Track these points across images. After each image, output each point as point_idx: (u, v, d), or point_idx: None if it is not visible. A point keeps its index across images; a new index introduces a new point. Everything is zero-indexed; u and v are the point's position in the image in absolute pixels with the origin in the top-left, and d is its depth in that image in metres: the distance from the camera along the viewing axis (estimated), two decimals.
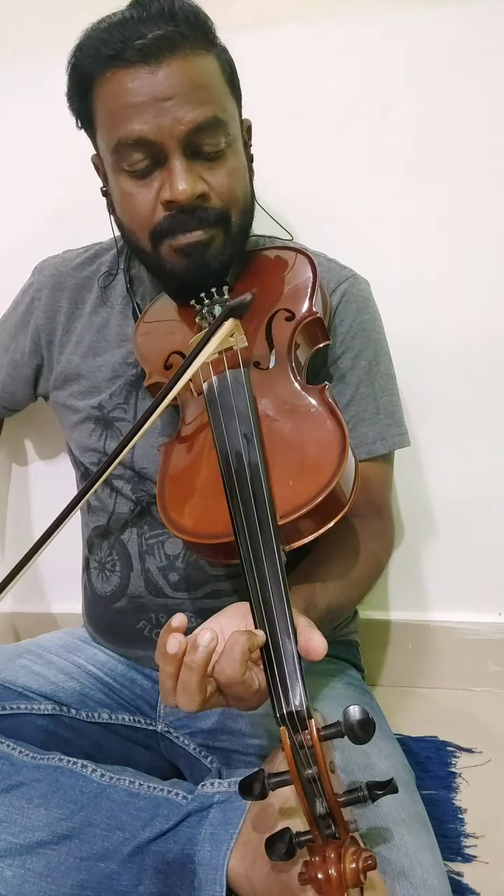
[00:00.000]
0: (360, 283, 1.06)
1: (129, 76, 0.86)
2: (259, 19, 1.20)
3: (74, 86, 0.93)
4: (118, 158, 0.91)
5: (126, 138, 0.88)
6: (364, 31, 1.19)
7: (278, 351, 0.90)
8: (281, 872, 0.72)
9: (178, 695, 0.69)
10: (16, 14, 1.28)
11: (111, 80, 0.88)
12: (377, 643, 1.43)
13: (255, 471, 0.77)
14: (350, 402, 1.03)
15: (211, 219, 0.92)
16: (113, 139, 0.90)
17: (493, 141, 1.20)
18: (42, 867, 0.81)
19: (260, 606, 0.70)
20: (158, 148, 0.88)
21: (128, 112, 0.87)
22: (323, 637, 0.70)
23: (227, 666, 0.67)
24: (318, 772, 0.60)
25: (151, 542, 1.05)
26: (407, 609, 1.42)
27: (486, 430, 1.32)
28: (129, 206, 0.94)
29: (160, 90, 0.86)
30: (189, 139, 0.88)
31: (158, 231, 0.92)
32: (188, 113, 0.86)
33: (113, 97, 0.88)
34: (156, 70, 0.86)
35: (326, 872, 0.57)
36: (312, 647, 0.69)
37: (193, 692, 0.68)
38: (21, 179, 1.35)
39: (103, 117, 0.91)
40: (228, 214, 0.93)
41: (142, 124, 0.87)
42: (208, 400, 0.87)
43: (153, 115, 0.86)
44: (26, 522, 1.52)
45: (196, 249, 0.92)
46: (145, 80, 0.86)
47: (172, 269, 0.95)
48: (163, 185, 0.90)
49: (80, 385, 1.10)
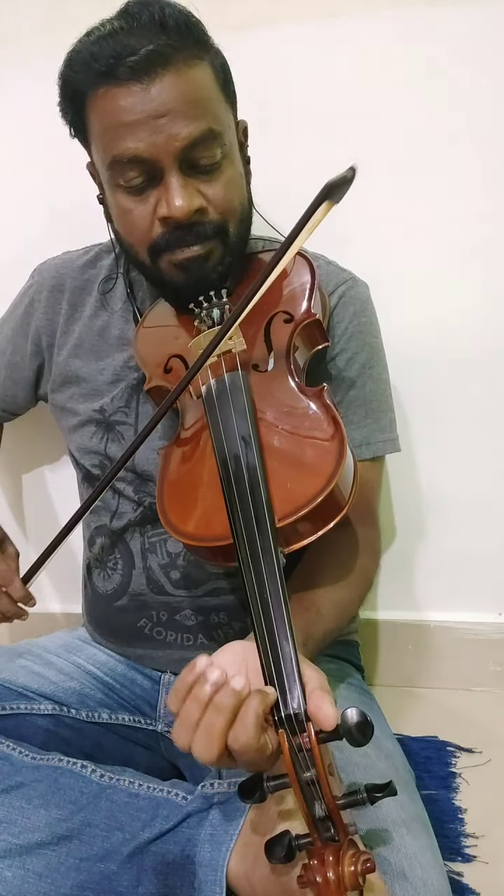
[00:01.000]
0: (358, 286, 1.06)
1: (121, 93, 0.85)
2: (259, 19, 1.20)
3: (66, 99, 0.92)
4: (114, 175, 0.90)
5: (121, 156, 0.88)
6: (364, 31, 1.19)
7: (277, 353, 0.90)
8: (281, 874, 0.72)
9: (197, 739, 0.65)
10: (16, 14, 1.28)
11: (104, 97, 0.87)
12: (377, 643, 1.43)
13: (253, 473, 0.77)
14: (339, 404, 1.02)
15: (209, 233, 0.91)
16: (108, 156, 0.89)
17: (494, 141, 1.19)
18: (42, 868, 0.81)
19: (258, 608, 0.70)
20: (154, 165, 0.87)
21: (122, 130, 0.86)
22: (334, 708, 0.64)
23: (242, 733, 0.64)
24: (317, 775, 0.60)
25: (154, 540, 1.05)
26: (407, 609, 1.42)
27: (486, 430, 1.32)
28: (126, 222, 0.94)
29: (153, 107, 0.85)
30: (184, 154, 0.87)
31: (157, 246, 0.92)
32: (183, 129, 0.85)
33: (106, 115, 0.87)
34: (148, 87, 0.84)
35: (325, 876, 0.57)
36: (322, 716, 0.63)
37: (216, 738, 0.64)
38: (21, 180, 1.34)
39: (97, 134, 0.90)
40: (226, 226, 0.93)
41: (136, 142, 0.86)
42: (206, 403, 0.87)
43: (148, 133, 0.85)
44: (27, 524, 1.52)
45: (195, 263, 0.92)
46: (138, 97, 0.85)
47: (172, 282, 0.95)
48: (159, 201, 0.89)
49: (80, 388, 1.10)
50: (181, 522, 0.82)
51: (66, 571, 1.35)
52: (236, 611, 1.02)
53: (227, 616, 1.03)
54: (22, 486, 1.48)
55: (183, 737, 0.67)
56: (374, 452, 1.04)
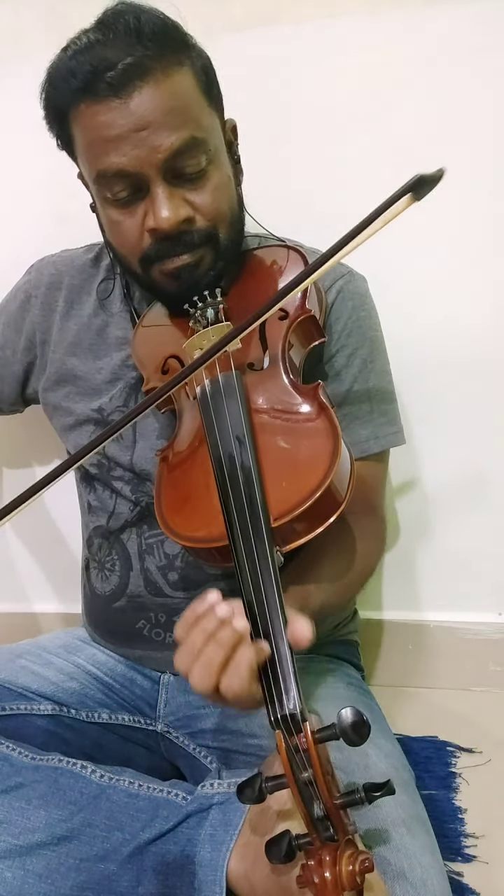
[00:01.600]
0: (356, 280, 1.06)
1: (101, 109, 0.85)
2: (259, 19, 1.20)
3: (50, 116, 0.92)
4: (100, 189, 0.90)
5: (105, 171, 0.88)
6: (364, 31, 1.19)
7: (272, 351, 0.90)
8: (281, 874, 0.72)
9: (196, 669, 0.69)
10: (16, 14, 1.28)
11: (84, 113, 0.86)
12: (377, 643, 1.43)
13: (248, 473, 0.77)
14: (344, 401, 1.02)
15: (197, 241, 0.91)
16: (93, 171, 0.89)
17: (494, 140, 1.20)
18: (42, 868, 0.81)
19: (254, 609, 0.70)
20: (139, 178, 0.87)
21: (105, 146, 0.86)
22: (309, 626, 0.70)
23: (236, 682, 0.67)
24: (314, 774, 0.60)
25: (151, 542, 1.05)
26: (407, 609, 1.42)
27: (486, 430, 1.32)
28: (116, 234, 0.94)
29: (133, 121, 0.84)
30: (168, 165, 0.86)
31: (147, 258, 0.92)
32: (165, 140, 0.85)
33: (88, 131, 0.87)
34: (127, 101, 0.84)
35: (322, 876, 0.58)
36: (297, 633, 0.69)
37: (214, 671, 0.68)
38: (21, 180, 1.35)
39: (82, 150, 0.90)
40: (216, 232, 0.93)
41: (119, 157, 0.86)
42: (201, 404, 0.87)
43: (130, 147, 0.85)
44: (26, 524, 1.52)
45: (185, 272, 0.93)
46: (118, 112, 0.84)
47: (164, 290, 0.96)
48: (147, 213, 0.89)
49: (76, 387, 1.09)
50: (178, 524, 0.82)
51: (65, 571, 1.35)
52: None
53: None
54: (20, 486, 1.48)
55: (185, 663, 0.70)
56: (382, 446, 1.04)
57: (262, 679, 0.67)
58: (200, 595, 0.74)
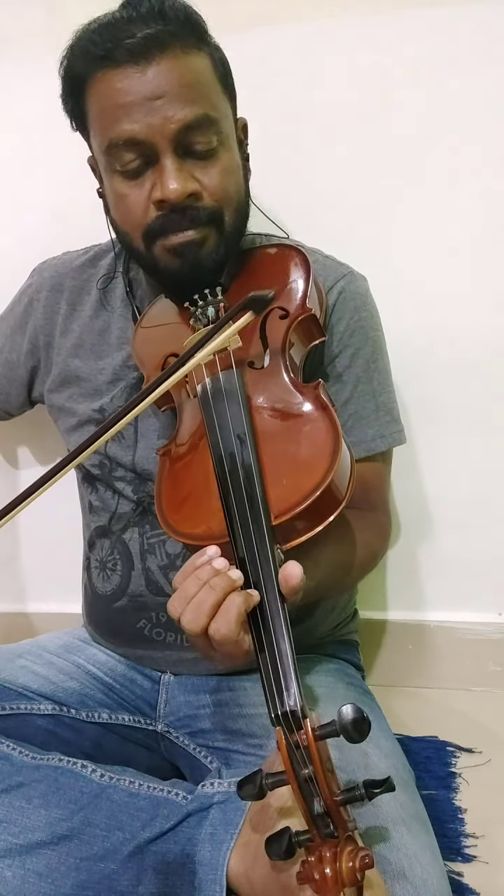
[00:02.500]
0: (357, 280, 1.06)
1: (118, 76, 0.86)
2: (259, 19, 1.20)
3: (67, 88, 0.93)
4: (110, 159, 0.91)
5: (117, 139, 0.88)
6: (364, 31, 1.19)
7: (272, 350, 0.90)
8: (280, 872, 0.72)
9: (188, 610, 0.72)
10: (16, 14, 1.28)
11: (101, 81, 0.88)
12: (377, 643, 1.43)
13: (249, 471, 0.78)
14: (349, 401, 1.02)
15: (203, 218, 0.91)
16: (105, 140, 0.90)
17: (494, 140, 1.20)
18: (42, 867, 0.81)
19: (254, 607, 0.70)
20: (149, 147, 0.88)
21: (118, 112, 0.87)
22: (299, 568, 0.71)
23: (224, 625, 0.70)
24: (315, 771, 0.60)
25: (153, 542, 1.05)
26: (407, 609, 1.42)
27: (486, 430, 1.32)
28: (122, 207, 0.94)
29: (150, 89, 0.85)
30: (180, 138, 0.87)
31: (151, 231, 0.92)
32: (178, 111, 0.86)
33: (103, 97, 0.88)
34: (145, 69, 0.85)
35: (323, 872, 0.58)
36: (288, 574, 0.71)
37: (204, 613, 0.70)
38: (21, 179, 1.35)
39: (95, 118, 0.91)
40: (221, 213, 0.93)
41: (132, 124, 0.87)
42: (202, 402, 0.87)
43: (143, 115, 0.86)
44: (25, 524, 1.52)
45: (189, 249, 0.92)
46: (135, 79, 0.86)
47: (166, 269, 0.95)
48: (154, 185, 0.89)
49: (79, 388, 1.10)
50: (178, 522, 0.82)
51: (65, 571, 1.35)
52: None
53: None
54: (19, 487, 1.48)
55: (177, 606, 0.73)
56: (388, 444, 1.05)
57: (263, 676, 0.67)
58: (199, 551, 0.76)
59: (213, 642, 0.71)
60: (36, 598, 1.56)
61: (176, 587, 0.75)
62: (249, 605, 0.70)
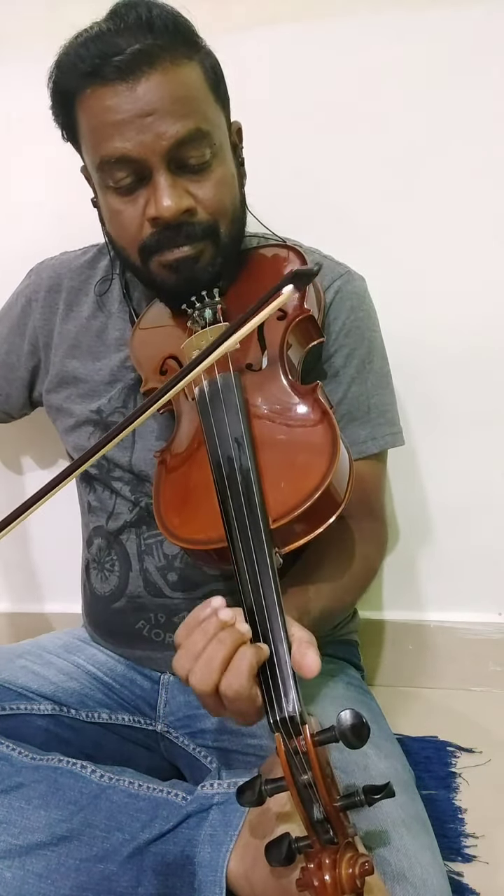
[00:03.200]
0: (354, 280, 1.06)
1: (108, 93, 0.85)
2: (259, 19, 1.20)
3: (57, 102, 0.92)
4: (103, 175, 0.90)
5: (109, 157, 0.87)
6: (364, 31, 1.19)
7: (270, 352, 0.90)
8: (280, 876, 0.72)
9: (197, 667, 0.68)
10: (16, 14, 1.28)
11: (91, 98, 0.86)
12: (377, 643, 1.43)
13: (247, 475, 0.77)
14: (342, 401, 1.02)
15: (198, 233, 0.91)
16: (96, 157, 0.89)
17: (494, 140, 1.19)
18: (41, 868, 0.81)
19: (253, 612, 0.70)
20: (142, 164, 0.87)
21: (109, 130, 0.86)
22: (318, 656, 0.68)
23: (235, 681, 0.66)
24: (314, 777, 0.60)
25: (150, 542, 1.05)
26: (407, 609, 1.42)
27: (486, 430, 1.32)
28: (116, 223, 0.93)
29: (140, 106, 0.84)
30: (172, 154, 0.86)
31: (146, 247, 0.92)
32: (170, 128, 0.85)
33: (94, 115, 0.87)
34: (134, 86, 0.84)
35: (322, 879, 0.57)
36: (306, 664, 0.67)
37: (215, 669, 0.67)
38: (21, 180, 1.34)
39: (86, 135, 0.90)
40: (217, 227, 0.92)
41: (124, 142, 0.86)
42: (200, 405, 0.87)
43: (134, 133, 0.85)
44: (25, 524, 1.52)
45: (185, 264, 0.92)
46: (124, 96, 0.84)
47: (163, 284, 0.95)
48: (148, 202, 0.89)
49: (77, 388, 1.09)
50: (176, 525, 0.82)
51: (65, 572, 1.35)
52: None
53: None
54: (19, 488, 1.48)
55: (184, 664, 0.70)
56: (380, 447, 1.04)
57: (261, 682, 0.67)
58: (203, 600, 0.73)
59: (225, 699, 0.68)
60: (36, 598, 1.56)
61: (179, 643, 0.72)
62: (261, 658, 0.67)
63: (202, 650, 0.69)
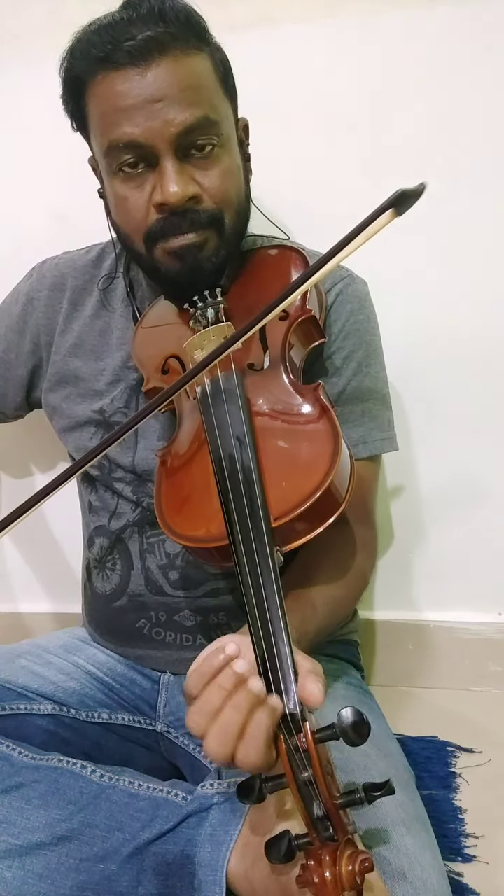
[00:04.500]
0: (356, 283, 1.06)
1: (119, 78, 0.86)
2: (259, 19, 1.20)
3: (67, 89, 0.93)
4: (110, 161, 0.91)
5: (117, 141, 0.88)
6: (364, 31, 1.19)
7: (272, 352, 0.90)
8: (280, 874, 0.72)
9: (212, 734, 0.65)
10: (16, 14, 1.28)
11: (102, 83, 0.88)
12: (377, 643, 1.43)
13: (249, 473, 0.77)
14: (336, 402, 1.01)
15: (203, 221, 0.91)
16: (105, 142, 0.90)
17: (494, 140, 1.20)
18: (41, 868, 0.81)
19: (254, 609, 0.70)
20: (149, 150, 0.88)
21: (118, 115, 0.87)
22: (322, 688, 0.66)
23: (253, 751, 0.63)
24: (314, 775, 0.60)
25: (152, 541, 1.05)
26: (407, 609, 1.42)
27: (487, 430, 1.32)
28: (122, 209, 0.94)
29: (150, 92, 0.85)
30: (180, 140, 0.87)
31: (151, 234, 0.92)
32: (178, 114, 0.86)
33: (104, 100, 0.88)
34: (145, 72, 0.85)
35: (322, 875, 0.57)
36: (308, 695, 0.65)
37: (232, 737, 0.64)
38: (21, 179, 1.35)
39: (95, 120, 0.91)
40: (222, 216, 0.93)
41: (132, 127, 0.86)
42: (202, 404, 0.87)
43: (143, 118, 0.86)
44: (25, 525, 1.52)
45: (189, 252, 0.92)
46: (135, 81, 0.86)
47: (166, 272, 0.95)
48: (155, 188, 0.89)
49: (77, 388, 1.09)
50: (178, 524, 0.82)
51: (64, 571, 1.35)
52: (235, 611, 1.02)
53: (227, 616, 1.03)
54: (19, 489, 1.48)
55: (200, 723, 0.66)
56: (370, 451, 1.04)
57: (263, 678, 0.66)
58: (216, 645, 0.71)
59: (240, 765, 0.64)
60: (36, 598, 1.56)
61: (192, 693, 0.68)
62: (275, 719, 0.63)
63: (218, 711, 0.65)
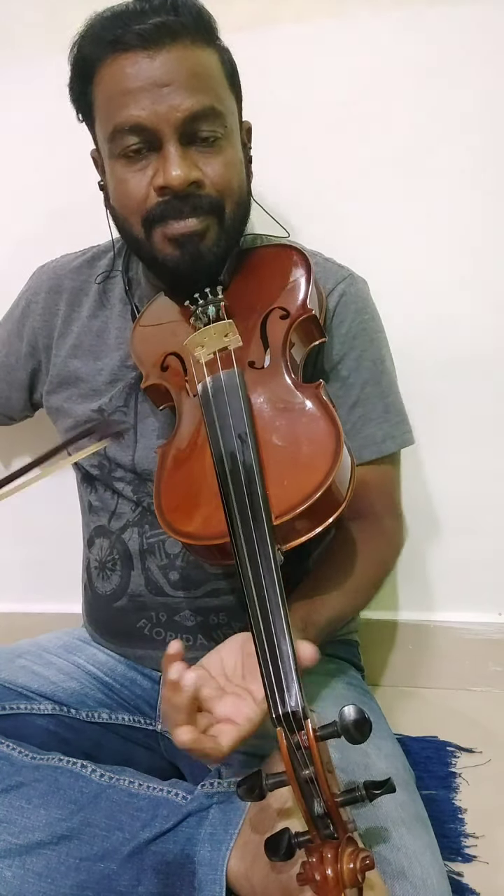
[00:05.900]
0: (357, 283, 1.06)
1: (128, 61, 0.87)
2: (259, 19, 1.20)
3: (76, 73, 0.93)
4: (114, 145, 0.91)
5: (122, 124, 0.88)
6: (364, 31, 1.19)
7: (273, 350, 0.90)
8: (280, 873, 0.72)
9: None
10: (16, 15, 1.28)
11: (111, 66, 0.88)
12: (377, 643, 1.42)
13: (250, 471, 0.77)
14: (357, 403, 1.02)
15: (205, 207, 0.91)
16: (110, 125, 0.90)
17: (495, 140, 1.20)
18: (42, 867, 0.81)
19: (255, 607, 0.70)
20: (154, 134, 0.88)
21: (125, 98, 0.87)
22: (315, 650, 0.70)
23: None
24: (315, 772, 0.60)
25: (152, 541, 1.05)
26: (407, 609, 1.42)
27: (487, 430, 1.32)
28: (122, 192, 0.93)
29: (158, 76, 0.86)
30: (185, 127, 0.87)
31: (151, 217, 0.92)
32: (185, 100, 0.86)
33: (112, 82, 0.88)
34: (154, 56, 0.86)
35: (324, 873, 0.57)
36: (301, 653, 0.69)
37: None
38: (21, 180, 1.35)
39: (102, 104, 0.91)
40: (223, 204, 0.92)
41: (139, 110, 0.87)
42: (203, 401, 0.87)
43: (150, 102, 0.86)
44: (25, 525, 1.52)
45: (190, 240, 0.92)
46: (144, 65, 0.86)
47: (165, 260, 0.94)
48: (157, 172, 0.89)
49: (78, 388, 1.10)
50: (178, 521, 0.82)
51: (65, 571, 1.35)
52: (236, 611, 1.02)
53: (227, 616, 1.03)
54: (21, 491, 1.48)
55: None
56: (399, 445, 1.05)
57: (264, 677, 0.66)
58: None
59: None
60: (36, 598, 1.56)
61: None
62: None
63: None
